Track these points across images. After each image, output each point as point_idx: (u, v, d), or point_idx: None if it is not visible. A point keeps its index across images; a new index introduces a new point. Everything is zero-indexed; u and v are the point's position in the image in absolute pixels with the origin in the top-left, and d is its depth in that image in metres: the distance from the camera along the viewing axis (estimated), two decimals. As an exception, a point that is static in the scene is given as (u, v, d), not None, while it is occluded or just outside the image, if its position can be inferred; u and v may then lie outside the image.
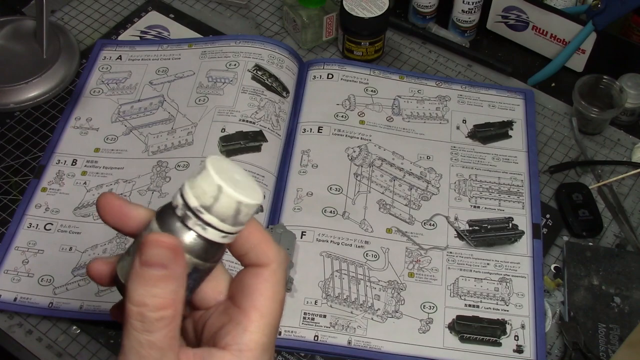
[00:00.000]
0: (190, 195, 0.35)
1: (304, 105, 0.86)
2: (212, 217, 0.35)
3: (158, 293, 0.34)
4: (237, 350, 0.37)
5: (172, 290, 0.35)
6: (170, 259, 0.34)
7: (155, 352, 0.35)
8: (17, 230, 0.76)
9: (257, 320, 0.37)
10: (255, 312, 0.37)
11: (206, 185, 0.34)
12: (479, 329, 0.70)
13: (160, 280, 0.34)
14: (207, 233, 0.35)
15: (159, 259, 0.34)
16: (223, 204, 0.35)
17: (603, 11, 0.84)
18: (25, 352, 0.69)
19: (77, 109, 0.86)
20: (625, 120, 0.87)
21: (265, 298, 0.38)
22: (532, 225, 0.77)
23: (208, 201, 0.35)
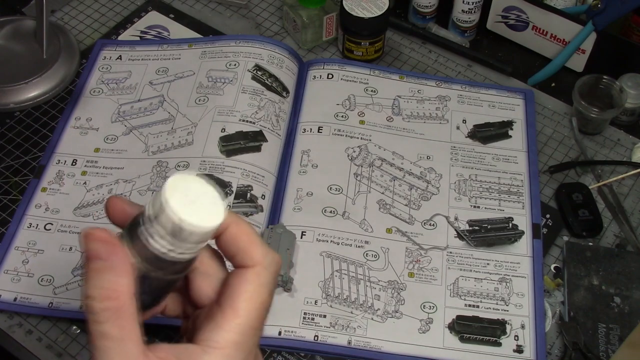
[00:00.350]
0: (148, 204, 0.36)
1: (304, 105, 0.86)
2: (158, 227, 0.35)
3: (99, 284, 0.36)
4: (207, 346, 0.37)
5: (113, 281, 0.36)
6: (107, 251, 0.36)
7: (109, 342, 0.36)
8: (17, 230, 0.76)
9: (231, 319, 0.38)
10: (231, 311, 0.38)
11: (157, 197, 0.35)
12: (479, 329, 0.70)
13: (100, 271, 0.36)
14: (151, 242, 0.36)
15: (96, 251, 0.36)
16: (163, 217, 0.35)
17: (603, 11, 0.84)
18: (25, 352, 0.69)
19: (77, 109, 0.86)
20: (625, 120, 0.87)
21: (244, 299, 0.38)
22: (532, 225, 0.77)
23: (154, 212, 0.35)
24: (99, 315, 0.36)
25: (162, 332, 0.69)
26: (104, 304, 0.36)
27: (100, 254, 0.36)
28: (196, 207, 0.35)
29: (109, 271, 0.36)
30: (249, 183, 0.77)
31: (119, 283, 0.36)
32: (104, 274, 0.36)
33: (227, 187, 0.76)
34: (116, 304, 0.36)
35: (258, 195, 0.77)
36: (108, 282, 0.36)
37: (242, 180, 0.77)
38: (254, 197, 0.76)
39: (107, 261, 0.36)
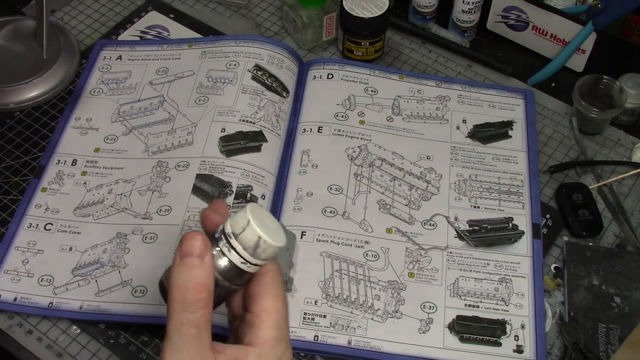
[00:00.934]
0: (227, 224, 0.45)
1: (304, 105, 0.86)
2: (237, 243, 0.44)
3: (195, 278, 0.43)
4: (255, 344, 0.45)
5: (207, 277, 0.43)
6: (203, 251, 0.43)
7: (193, 329, 0.43)
8: (17, 230, 0.76)
9: (266, 319, 0.46)
10: (263, 312, 0.46)
11: (240, 219, 0.44)
12: (479, 329, 0.70)
13: (197, 267, 0.43)
14: (231, 255, 0.44)
15: (195, 249, 0.43)
16: (247, 234, 0.44)
17: (603, 11, 0.84)
18: (25, 352, 0.69)
19: (77, 109, 0.86)
20: (625, 120, 0.87)
21: (269, 299, 0.46)
22: (532, 225, 0.77)
23: (237, 230, 0.44)
24: (191, 305, 0.43)
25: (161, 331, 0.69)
26: (197, 295, 0.43)
27: (198, 252, 0.43)
28: (269, 230, 0.44)
29: (205, 269, 0.43)
30: (249, 183, 0.77)
31: (210, 281, 0.43)
32: (199, 270, 0.43)
33: (227, 187, 0.76)
34: (207, 296, 0.43)
35: (258, 195, 0.77)
36: (201, 278, 0.43)
37: (242, 180, 0.77)
38: (254, 197, 0.76)
39: (202, 260, 0.43)
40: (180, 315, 0.43)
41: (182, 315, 0.43)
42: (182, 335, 0.43)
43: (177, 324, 0.43)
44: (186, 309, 0.43)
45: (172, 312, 0.43)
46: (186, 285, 0.43)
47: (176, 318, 0.43)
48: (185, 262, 0.43)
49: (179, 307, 0.43)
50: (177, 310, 0.43)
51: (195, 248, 0.43)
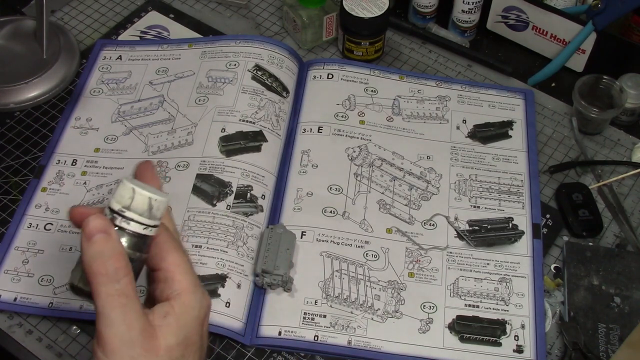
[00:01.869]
0: (113, 202, 0.46)
1: (304, 105, 0.86)
2: (132, 213, 0.46)
3: (108, 250, 0.44)
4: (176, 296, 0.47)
5: (119, 247, 0.45)
6: (106, 224, 0.45)
7: (123, 298, 0.44)
8: (17, 230, 0.76)
9: (176, 270, 0.48)
10: (172, 265, 0.48)
11: (123, 192, 0.46)
12: (479, 329, 0.70)
13: (106, 240, 0.44)
14: (131, 226, 0.46)
15: (98, 226, 0.45)
16: (138, 201, 0.46)
17: (603, 11, 0.84)
18: (25, 352, 0.69)
19: (77, 109, 0.86)
20: (625, 120, 0.87)
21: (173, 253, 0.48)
22: (532, 225, 0.77)
23: (127, 202, 0.45)
24: (115, 274, 0.44)
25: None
26: (118, 264, 0.44)
27: (104, 228, 0.45)
28: (150, 190, 0.46)
29: (112, 241, 0.45)
30: (249, 183, 0.77)
31: (122, 249, 0.45)
32: (110, 243, 0.44)
33: (227, 187, 0.76)
34: (126, 265, 0.45)
35: (258, 195, 0.77)
36: (114, 248, 0.44)
37: (242, 180, 0.77)
38: (254, 197, 0.76)
39: (109, 234, 0.45)
40: (108, 288, 0.44)
41: (109, 287, 0.44)
42: (114, 307, 0.44)
43: (106, 297, 0.44)
44: (111, 279, 0.44)
45: (98, 286, 0.44)
46: (104, 258, 0.44)
47: (104, 291, 0.44)
48: (94, 239, 0.44)
49: (103, 279, 0.44)
50: (102, 284, 0.44)
51: (97, 225, 0.45)
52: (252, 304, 0.71)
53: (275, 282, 0.70)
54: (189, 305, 0.48)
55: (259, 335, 0.69)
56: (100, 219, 0.45)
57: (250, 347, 0.69)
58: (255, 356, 0.69)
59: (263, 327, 0.69)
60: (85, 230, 0.45)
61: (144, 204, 0.46)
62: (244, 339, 0.69)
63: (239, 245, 0.73)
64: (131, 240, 0.46)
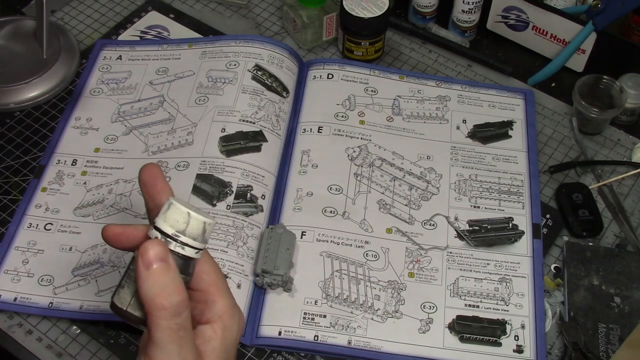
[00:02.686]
0: (165, 226, 0.45)
1: (304, 105, 0.86)
2: (187, 238, 0.45)
3: (171, 281, 0.43)
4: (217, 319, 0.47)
5: (178, 277, 0.44)
6: (165, 253, 0.44)
7: (183, 331, 0.44)
8: (17, 230, 0.76)
9: (216, 292, 0.48)
10: (212, 286, 0.48)
11: (176, 215, 0.45)
12: (479, 329, 0.70)
13: (166, 271, 0.43)
14: (185, 251, 0.45)
15: (157, 256, 0.43)
16: (193, 226, 0.45)
17: (603, 11, 0.84)
18: (25, 352, 0.69)
19: (77, 109, 0.86)
20: (625, 120, 0.87)
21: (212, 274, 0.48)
22: (532, 225, 0.77)
23: (181, 227, 0.45)
24: (177, 309, 0.43)
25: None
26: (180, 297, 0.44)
27: (164, 257, 0.44)
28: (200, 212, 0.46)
29: (171, 270, 0.44)
30: (249, 183, 0.77)
31: (182, 282, 0.44)
32: (169, 272, 0.44)
33: (227, 187, 0.76)
34: (185, 296, 0.44)
35: (258, 195, 0.77)
36: (174, 280, 0.44)
37: (242, 180, 0.77)
38: (254, 197, 0.76)
39: (168, 262, 0.44)
40: (171, 322, 0.43)
41: (172, 321, 0.43)
42: (173, 340, 0.43)
43: (166, 330, 0.43)
44: (174, 314, 0.43)
45: (160, 320, 0.43)
46: (166, 290, 0.43)
47: (166, 325, 0.43)
48: (154, 270, 0.43)
49: (165, 313, 0.43)
50: (165, 318, 0.43)
51: (158, 253, 0.44)
52: (252, 304, 0.71)
53: (275, 282, 0.70)
54: (229, 329, 0.48)
55: (259, 335, 0.69)
56: (159, 245, 0.44)
57: (250, 347, 0.69)
58: (255, 356, 0.69)
59: (263, 327, 0.69)
60: (143, 257, 0.43)
61: (198, 229, 0.45)
62: (244, 339, 0.69)
63: (239, 245, 0.73)
64: (182, 265, 0.46)
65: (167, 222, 0.45)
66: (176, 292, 0.43)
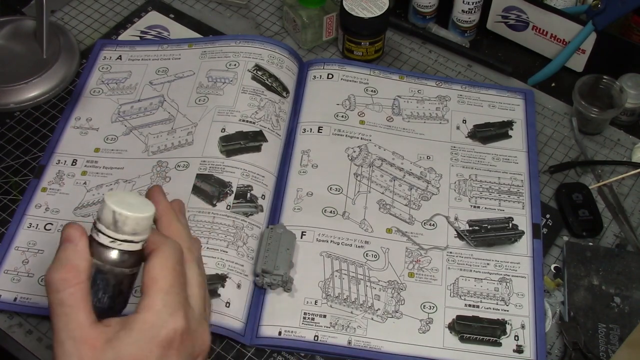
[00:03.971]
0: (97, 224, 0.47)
1: (304, 105, 0.86)
2: (100, 224, 0.47)
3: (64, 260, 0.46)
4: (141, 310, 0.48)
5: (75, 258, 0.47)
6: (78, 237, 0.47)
7: (65, 308, 0.45)
8: (17, 230, 0.76)
9: (151, 286, 0.48)
10: (149, 279, 0.49)
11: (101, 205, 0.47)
12: (479, 329, 0.70)
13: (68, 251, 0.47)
14: (99, 238, 0.47)
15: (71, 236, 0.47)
16: (104, 213, 0.47)
17: (603, 11, 0.84)
18: (25, 352, 0.69)
19: (77, 109, 0.86)
20: (625, 120, 0.87)
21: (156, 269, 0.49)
22: (532, 225, 0.77)
23: (98, 214, 0.47)
24: (58, 284, 0.46)
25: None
26: (63, 274, 0.46)
27: (73, 238, 0.47)
28: (130, 207, 0.47)
29: (74, 252, 0.47)
30: (249, 183, 0.77)
31: (79, 262, 0.46)
32: (70, 252, 0.47)
33: (227, 187, 0.76)
34: (74, 277, 0.46)
35: (258, 195, 0.77)
36: (71, 259, 0.46)
37: (242, 180, 0.77)
38: (254, 197, 0.76)
39: (76, 245, 0.47)
40: (52, 296, 0.46)
41: (52, 295, 0.46)
42: (57, 315, 0.46)
43: (52, 307, 0.46)
44: (56, 289, 0.46)
45: (48, 294, 0.46)
46: (55, 266, 0.46)
47: (50, 299, 0.46)
48: (60, 248, 0.47)
49: (49, 288, 0.46)
50: (49, 292, 0.46)
51: (69, 235, 0.47)
52: (252, 304, 0.71)
53: (275, 282, 0.70)
54: (148, 323, 0.47)
55: (259, 335, 0.69)
56: (74, 228, 0.47)
57: (250, 347, 0.69)
58: (255, 356, 0.69)
59: (263, 327, 0.69)
60: (63, 231, 0.48)
61: (108, 217, 0.47)
62: (244, 339, 0.69)
63: (239, 245, 0.73)
64: (105, 253, 0.47)
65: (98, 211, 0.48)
66: (61, 270, 0.46)
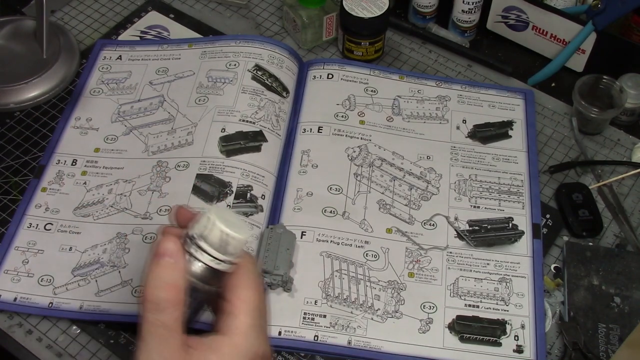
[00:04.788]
0: (192, 228, 0.46)
1: (304, 105, 0.86)
2: (205, 244, 0.46)
3: (166, 277, 0.45)
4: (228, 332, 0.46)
5: (177, 277, 0.45)
6: (177, 252, 0.45)
7: (164, 330, 0.44)
8: (17, 230, 0.76)
9: (240, 306, 0.47)
10: (237, 300, 0.47)
11: (203, 221, 0.46)
12: (479, 329, 0.70)
13: (168, 268, 0.45)
14: (203, 257, 0.46)
15: (170, 250, 0.45)
16: (213, 233, 0.45)
17: (603, 11, 0.84)
18: (25, 352, 0.69)
19: (77, 109, 0.86)
20: (625, 120, 0.87)
21: (244, 289, 0.47)
22: (532, 225, 0.77)
23: (203, 231, 0.46)
24: (160, 304, 0.44)
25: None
26: (165, 294, 0.44)
27: (172, 253, 0.45)
28: (231, 225, 0.46)
29: (175, 269, 0.45)
30: (249, 183, 0.77)
31: (181, 281, 0.45)
32: (171, 270, 0.45)
33: (227, 187, 0.76)
34: (176, 297, 0.44)
35: (258, 195, 0.77)
36: (173, 278, 0.45)
37: (242, 180, 0.77)
38: (254, 197, 0.76)
39: (176, 261, 0.45)
40: (152, 316, 0.44)
41: (153, 315, 0.44)
42: (153, 335, 0.44)
43: (148, 325, 0.44)
44: (157, 309, 0.44)
45: (145, 312, 0.45)
46: (157, 283, 0.44)
47: (149, 319, 0.44)
48: (159, 262, 0.45)
49: (150, 306, 0.44)
50: (149, 310, 0.44)
51: (168, 249, 0.45)
52: (252, 304, 0.70)
53: (275, 282, 0.70)
54: (239, 347, 0.46)
55: (259, 335, 0.69)
56: (174, 243, 0.45)
57: (250, 347, 0.69)
58: (255, 356, 0.69)
59: (263, 327, 0.69)
60: (157, 249, 0.45)
61: (217, 237, 0.46)
62: (244, 339, 0.69)
63: (239, 245, 0.73)
64: (201, 270, 0.46)
65: (195, 225, 0.46)
66: (165, 289, 0.44)
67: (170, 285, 0.44)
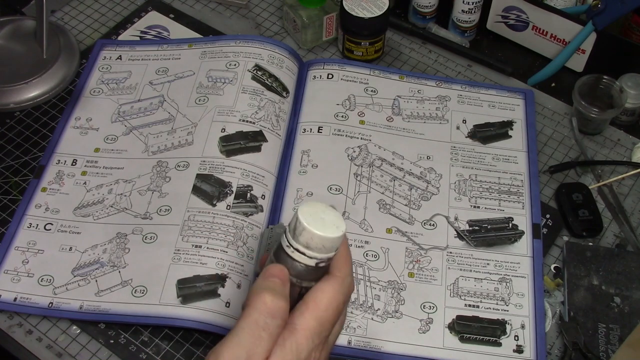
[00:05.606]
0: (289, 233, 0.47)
1: (304, 105, 0.86)
2: (299, 245, 0.46)
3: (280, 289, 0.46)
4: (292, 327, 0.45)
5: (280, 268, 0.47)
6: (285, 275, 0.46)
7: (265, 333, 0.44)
8: (17, 230, 0.76)
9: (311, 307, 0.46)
10: (313, 303, 0.46)
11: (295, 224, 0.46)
12: (479, 329, 0.70)
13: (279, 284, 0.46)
14: (297, 256, 0.47)
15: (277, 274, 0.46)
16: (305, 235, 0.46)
17: (603, 11, 0.84)
18: (25, 352, 0.69)
19: (77, 109, 0.86)
20: (625, 120, 0.87)
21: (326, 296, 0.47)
22: (532, 225, 0.77)
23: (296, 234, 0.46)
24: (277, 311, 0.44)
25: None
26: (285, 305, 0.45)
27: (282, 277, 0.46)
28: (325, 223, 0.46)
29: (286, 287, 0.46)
30: (249, 183, 0.77)
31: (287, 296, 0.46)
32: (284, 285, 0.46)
33: (227, 187, 0.76)
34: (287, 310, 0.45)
35: (258, 195, 0.77)
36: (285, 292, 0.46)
37: (242, 180, 0.77)
38: (254, 197, 0.76)
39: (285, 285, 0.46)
40: (260, 316, 0.44)
41: (262, 316, 0.44)
42: (253, 335, 0.44)
43: (252, 323, 0.44)
44: (270, 313, 0.44)
45: (251, 311, 0.44)
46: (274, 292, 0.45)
47: (254, 317, 0.44)
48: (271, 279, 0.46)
49: (263, 307, 0.44)
50: (259, 311, 0.44)
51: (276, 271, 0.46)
52: (252, 304, 0.70)
53: (275, 282, 0.70)
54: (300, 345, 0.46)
55: (259, 335, 0.69)
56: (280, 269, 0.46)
57: (250, 347, 0.69)
58: (255, 356, 0.69)
59: (263, 327, 0.69)
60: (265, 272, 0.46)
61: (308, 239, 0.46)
62: (244, 339, 0.69)
63: (239, 245, 0.73)
64: (295, 268, 0.47)
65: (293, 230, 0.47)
66: (283, 299, 0.45)
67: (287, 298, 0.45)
